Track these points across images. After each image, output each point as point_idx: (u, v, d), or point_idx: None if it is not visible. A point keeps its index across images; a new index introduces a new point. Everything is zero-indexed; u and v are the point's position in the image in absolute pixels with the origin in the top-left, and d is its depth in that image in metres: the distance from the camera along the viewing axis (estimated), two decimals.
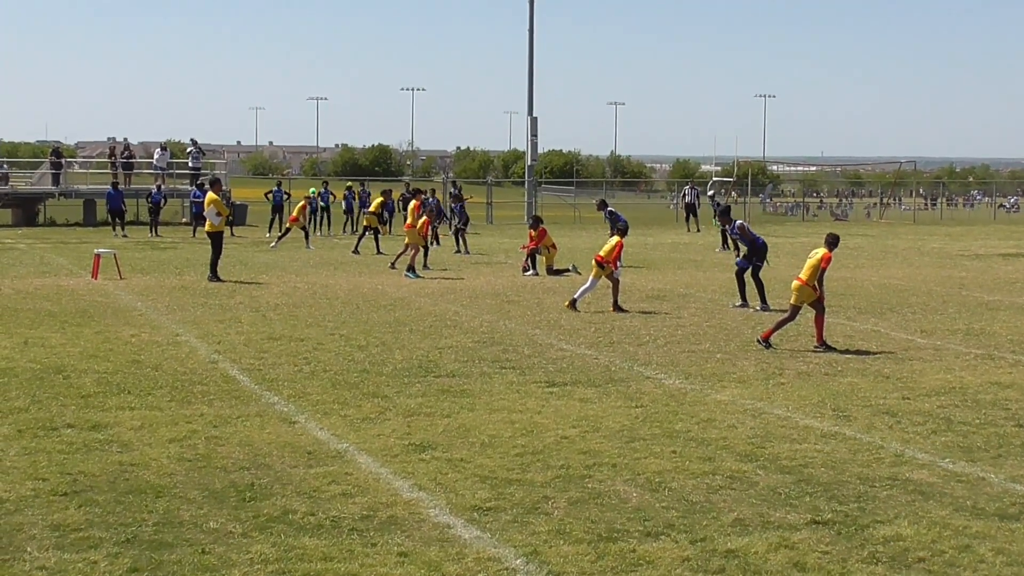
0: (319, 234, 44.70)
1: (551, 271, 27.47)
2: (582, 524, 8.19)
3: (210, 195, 26.24)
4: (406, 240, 27.67)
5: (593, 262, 20.79)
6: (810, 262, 16.20)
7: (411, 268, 26.76)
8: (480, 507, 8.57)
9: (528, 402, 12.37)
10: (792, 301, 16.33)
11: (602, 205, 30.97)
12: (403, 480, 9.29)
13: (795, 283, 16.25)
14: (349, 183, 51.00)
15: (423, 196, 34.63)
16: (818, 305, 16.18)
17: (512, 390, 13.02)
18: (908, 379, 14.03)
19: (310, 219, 46.07)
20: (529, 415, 11.71)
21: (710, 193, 56.18)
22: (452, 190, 44.09)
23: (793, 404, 12.48)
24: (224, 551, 7.55)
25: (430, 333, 17.28)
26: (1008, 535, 8.07)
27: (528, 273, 27.47)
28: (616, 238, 21.10)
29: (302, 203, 39.08)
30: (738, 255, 21.86)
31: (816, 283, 16.01)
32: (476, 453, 10.17)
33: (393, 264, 28.24)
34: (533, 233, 27.99)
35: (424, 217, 28.02)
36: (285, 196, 45.48)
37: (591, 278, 20.64)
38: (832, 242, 16.48)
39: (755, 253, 20.85)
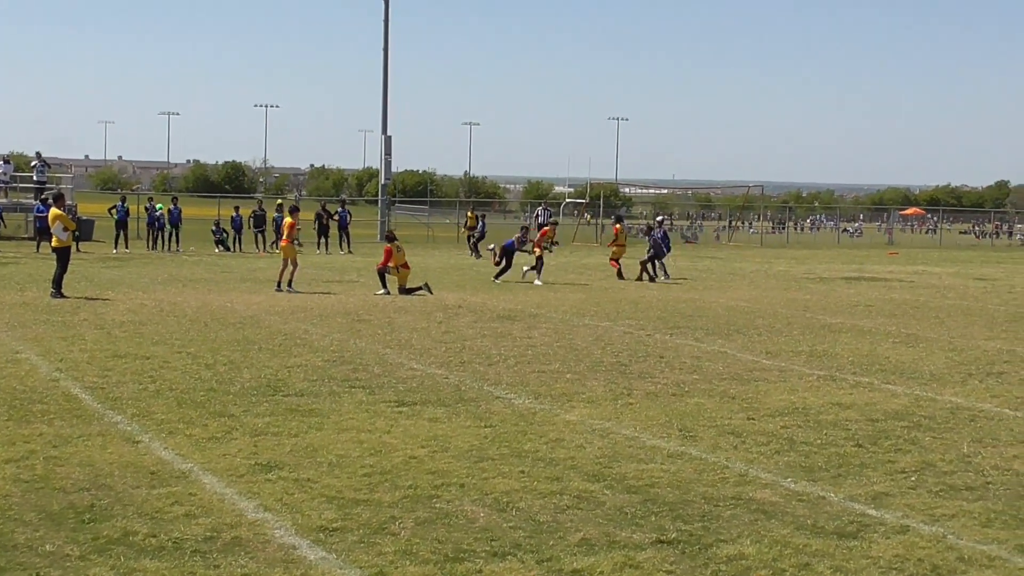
0: (168, 251, 44.01)
1: (403, 290, 27.45)
2: (429, 544, 8.14)
3: (53, 211, 25.71)
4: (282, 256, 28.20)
5: None
6: None
7: (289, 283, 27.48)
8: (326, 528, 8.47)
9: (377, 422, 12.28)
10: None
11: None
12: (248, 500, 9.14)
13: None
14: (280, 201, 51.64)
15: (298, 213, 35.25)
16: None
17: (361, 409, 12.92)
18: (753, 400, 14.27)
19: (157, 235, 45.47)
20: (378, 435, 11.63)
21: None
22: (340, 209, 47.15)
23: (641, 424, 12.60)
24: (60, 575, 7.33)
25: (279, 352, 17.07)
26: (846, 553, 8.24)
27: (380, 292, 27.40)
28: None
29: (545, 231, 35.27)
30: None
31: None
32: (323, 473, 10.06)
33: (279, 286, 27.60)
34: (392, 248, 28.04)
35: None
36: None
37: None
38: None
39: None
